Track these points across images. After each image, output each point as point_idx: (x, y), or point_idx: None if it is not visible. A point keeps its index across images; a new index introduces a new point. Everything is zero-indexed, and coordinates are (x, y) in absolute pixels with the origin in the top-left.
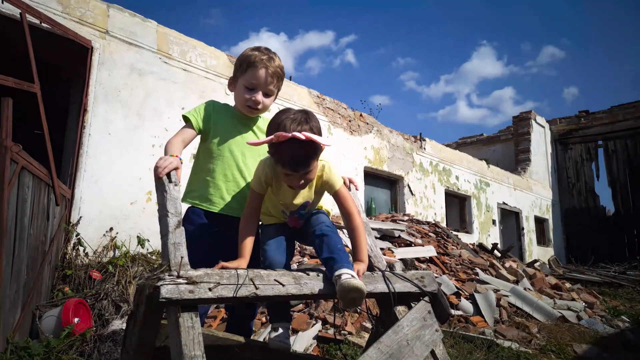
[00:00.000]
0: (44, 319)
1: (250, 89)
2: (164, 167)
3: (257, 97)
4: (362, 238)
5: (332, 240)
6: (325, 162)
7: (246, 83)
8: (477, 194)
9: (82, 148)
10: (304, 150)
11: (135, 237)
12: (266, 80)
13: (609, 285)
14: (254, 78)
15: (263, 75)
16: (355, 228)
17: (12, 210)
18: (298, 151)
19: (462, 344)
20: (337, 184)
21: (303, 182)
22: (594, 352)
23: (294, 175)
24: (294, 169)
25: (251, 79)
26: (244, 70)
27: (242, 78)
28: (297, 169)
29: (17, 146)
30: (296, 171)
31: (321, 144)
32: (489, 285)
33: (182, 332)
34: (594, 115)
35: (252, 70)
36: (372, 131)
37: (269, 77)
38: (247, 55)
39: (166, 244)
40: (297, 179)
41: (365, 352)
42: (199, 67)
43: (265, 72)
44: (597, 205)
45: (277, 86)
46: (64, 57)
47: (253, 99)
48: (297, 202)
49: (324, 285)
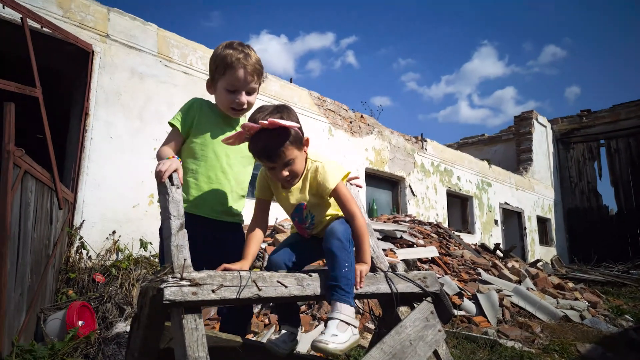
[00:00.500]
0: (48, 322)
1: (232, 91)
2: (165, 171)
3: (240, 98)
4: (365, 240)
5: (339, 262)
6: (320, 162)
7: (227, 86)
8: (479, 194)
9: (84, 152)
10: (273, 138)
11: (137, 240)
12: (246, 80)
13: (612, 284)
14: (234, 80)
15: (243, 76)
16: (357, 229)
17: (15, 215)
18: (267, 140)
19: (465, 344)
20: (331, 185)
21: (288, 175)
22: (598, 351)
23: (275, 168)
24: (268, 159)
25: (231, 81)
26: (221, 73)
27: (222, 81)
28: (272, 158)
29: (20, 150)
30: (272, 161)
31: (289, 127)
32: (491, 285)
33: (185, 334)
34: (595, 114)
35: (231, 71)
36: (373, 132)
37: (249, 75)
38: (223, 56)
39: (169, 247)
40: (279, 172)
41: (368, 353)
42: (199, 69)
43: (244, 71)
44: (599, 205)
45: (258, 82)
46: (65, 62)
47: (237, 100)
48: (292, 202)
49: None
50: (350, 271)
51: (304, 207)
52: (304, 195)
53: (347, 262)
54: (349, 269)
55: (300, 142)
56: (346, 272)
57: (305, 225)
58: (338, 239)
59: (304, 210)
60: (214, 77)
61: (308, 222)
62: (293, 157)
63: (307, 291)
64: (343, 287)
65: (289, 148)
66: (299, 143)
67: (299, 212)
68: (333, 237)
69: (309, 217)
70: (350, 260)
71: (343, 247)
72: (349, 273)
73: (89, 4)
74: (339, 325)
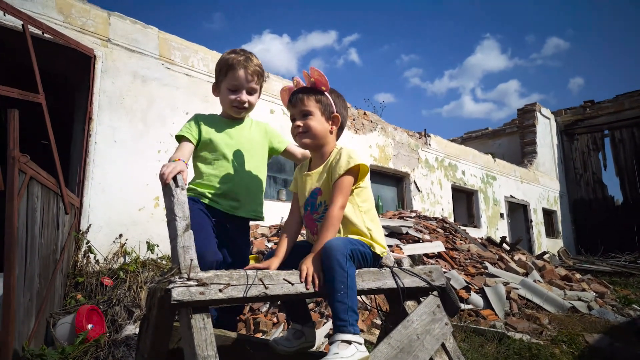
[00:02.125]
0: (58, 326)
1: (234, 90)
2: (169, 173)
3: (241, 96)
4: (324, 229)
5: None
6: (344, 148)
7: (229, 86)
8: (484, 188)
9: (89, 156)
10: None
11: (144, 242)
12: (247, 79)
13: (620, 274)
14: (235, 79)
15: (243, 75)
16: (326, 216)
17: (22, 220)
18: (300, 88)
19: (473, 338)
20: (341, 169)
21: (301, 127)
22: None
23: (294, 118)
24: (290, 101)
25: (232, 80)
26: (224, 74)
27: (225, 82)
28: (293, 101)
29: (25, 156)
30: (292, 104)
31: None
32: (498, 278)
33: (194, 333)
34: (599, 105)
35: (232, 72)
36: (377, 129)
37: (249, 75)
38: (225, 60)
39: (175, 248)
40: (296, 122)
41: (376, 348)
42: (201, 71)
43: (244, 71)
44: (605, 195)
45: (259, 83)
46: (67, 67)
47: (238, 99)
48: (309, 187)
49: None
50: (346, 294)
51: (319, 193)
52: (322, 181)
53: (343, 283)
54: (344, 291)
55: (326, 109)
56: (341, 295)
57: (316, 216)
58: (334, 256)
59: (318, 196)
60: (218, 80)
61: (320, 211)
62: (312, 110)
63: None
64: (340, 316)
65: (312, 101)
66: (324, 107)
67: (314, 198)
68: (330, 252)
69: (322, 206)
70: (346, 281)
71: (339, 265)
72: (345, 297)
73: (89, 8)
74: (339, 345)
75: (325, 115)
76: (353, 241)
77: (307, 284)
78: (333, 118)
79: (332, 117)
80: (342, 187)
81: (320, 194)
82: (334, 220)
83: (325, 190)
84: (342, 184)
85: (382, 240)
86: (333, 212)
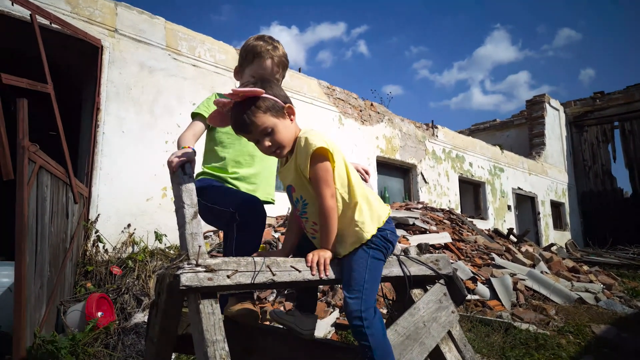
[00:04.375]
0: (68, 314)
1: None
2: (178, 161)
3: None
4: (326, 225)
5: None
6: (303, 133)
7: (253, 73)
8: (491, 179)
9: (97, 147)
10: (244, 108)
11: (152, 232)
12: (272, 70)
13: (628, 267)
14: (260, 69)
15: (269, 66)
16: (320, 211)
17: (32, 209)
18: (238, 111)
19: (480, 328)
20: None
21: (272, 146)
22: (613, 332)
23: (258, 141)
24: (243, 130)
25: (258, 69)
26: (250, 61)
27: (249, 68)
28: (247, 129)
29: (35, 146)
30: (248, 132)
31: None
32: (505, 269)
33: (203, 319)
34: (609, 96)
35: (259, 60)
36: (384, 120)
37: (275, 66)
38: (253, 46)
39: (184, 235)
40: (262, 144)
41: None
42: (208, 62)
43: (271, 62)
44: (614, 188)
45: (282, 75)
46: (75, 57)
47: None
48: (285, 184)
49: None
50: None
51: (292, 190)
52: (293, 177)
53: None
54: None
55: (277, 110)
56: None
57: (298, 212)
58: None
59: (293, 193)
60: (242, 65)
61: (299, 207)
62: (270, 125)
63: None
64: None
65: (261, 116)
66: (274, 110)
67: (290, 195)
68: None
69: (300, 203)
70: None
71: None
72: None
73: None
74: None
75: (280, 116)
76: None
77: (312, 270)
78: (286, 111)
79: (284, 111)
80: (319, 178)
81: (294, 190)
82: (327, 214)
83: (298, 186)
84: (316, 175)
85: (377, 215)
86: (322, 206)
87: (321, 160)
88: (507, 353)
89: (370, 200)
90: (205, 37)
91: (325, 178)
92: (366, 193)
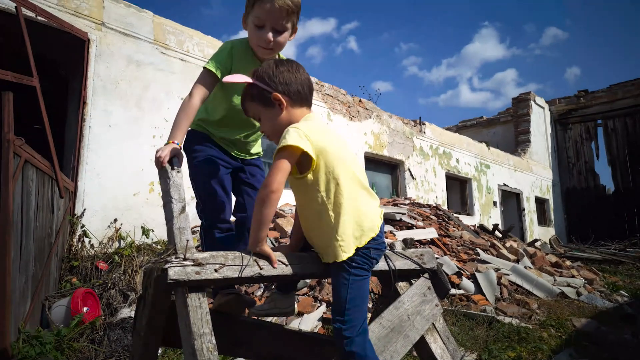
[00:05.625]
0: (53, 309)
1: (260, 26)
2: (165, 156)
3: (266, 35)
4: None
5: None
6: (289, 127)
7: (254, 20)
8: (477, 176)
9: (83, 141)
10: (244, 93)
11: (139, 227)
12: (274, 15)
13: (609, 262)
14: (261, 13)
15: (269, 8)
16: (256, 199)
17: (17, 203)
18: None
19: (464, 322)
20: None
21: (262, 130)
22: (593, 325)
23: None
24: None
25: (258, 14)
26: (251, 5)
27: (251, 15)
28: (245, 111)
29: (20, 139)
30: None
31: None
32: (490, 264)
33: (190, 312)
34: (593, 95)
35: (259, 5)
36: (372, 116)
37: (277, 11)
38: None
39: (172, 229)
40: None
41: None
42: (196, 56)
43: (271, 5)
44: (597, 184)
45: (290, 21)
46: (61, 51)
47: (264, 38)
48: None
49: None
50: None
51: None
52: None
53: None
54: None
55: (262, 98)
56: None
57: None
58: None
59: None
60: (248, 11)
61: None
62: (257, 113)
63: (308, 269)
64: None
65: (249, 102)
66: (259, 99)
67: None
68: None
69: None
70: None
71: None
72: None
73: None
74: None
75: (267, 104)
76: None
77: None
78: (274, 101)
79: (271, 100)
80: (270, 169)
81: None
82: (258, 204)
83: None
84: (271, 167)
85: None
86: (259, 194)
87: (282, 157)
88: (490, 346)
89: (359, 211)
90: (194, 31)
91: (273, 173)
92: (357, 204)
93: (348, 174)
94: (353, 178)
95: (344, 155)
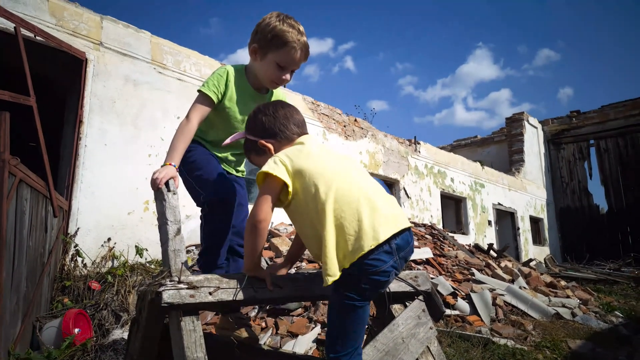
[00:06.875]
0: (44, 330)
1: (282, 67)
2: (162, 178)
3: (287, 76)
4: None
5: None
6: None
7: (279, 61)
8: (472, 195)
9: (79, 159)
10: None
11: (133, 246)
12: (299, 62)
13: (604, 282)
14: (290, 59)
15: (298, 58)
16: (246, 227)
17: (11, 223)
18: None
19: (459, 343)
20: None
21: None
22: (588, 347)
23: None
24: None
25: (287, 59)
26: (277, 47)
27: (275, 54)
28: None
29: (15, 159)
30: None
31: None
32: (485, 284)
33: (184, 336)
34: (585, 115)
35: (289, 50)
36: (367, 136)
37: (303, 59)
38: (283, 32)
39: (167, 251)
40: None
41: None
42: (193, 76)
43: (300, 54)
44: (590, 204)
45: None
46: (58, 70)
47: (283, 77)
48: None
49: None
50: None
51: None
52: None
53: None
54: None
55: (256, 149)
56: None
57: None
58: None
59: None
60: (267, 47)
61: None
62: (257, 163)
63: (302, 292)
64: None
65: (251, 156)
66: (255, 151)
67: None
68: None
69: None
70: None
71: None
72: None
73: (82, 12)
74: None
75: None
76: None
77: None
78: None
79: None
80: (257, 198)
81: None
82: (247, 234)
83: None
84: (258, 195)
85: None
86: (247, 223)
87: (262, 186)
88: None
89: (350, 229)
90: (191, 51)
91: (258, 203)
92: (348, 222)
93: (339, 191)
94: (348, 193)
95: (333, 172)
